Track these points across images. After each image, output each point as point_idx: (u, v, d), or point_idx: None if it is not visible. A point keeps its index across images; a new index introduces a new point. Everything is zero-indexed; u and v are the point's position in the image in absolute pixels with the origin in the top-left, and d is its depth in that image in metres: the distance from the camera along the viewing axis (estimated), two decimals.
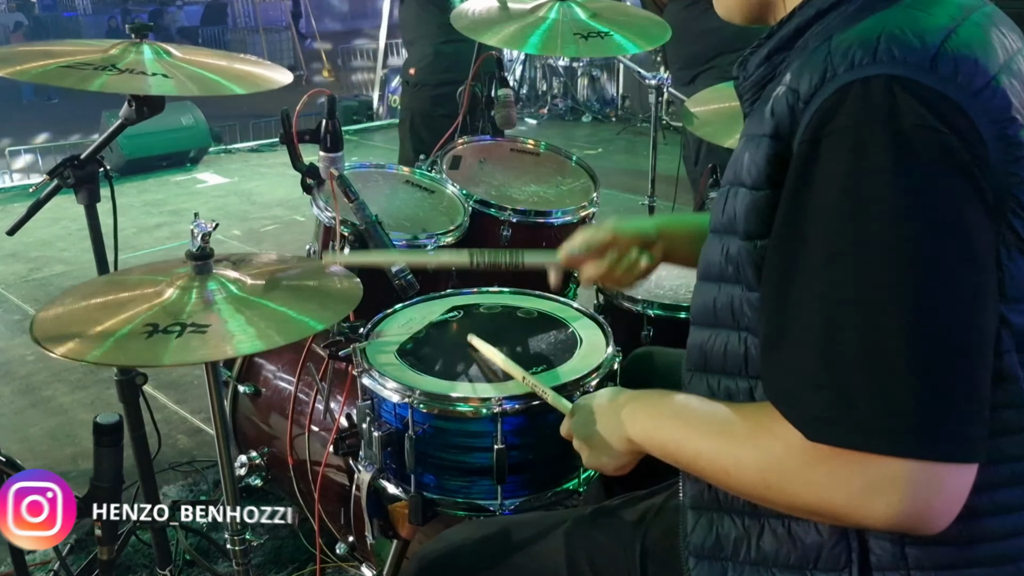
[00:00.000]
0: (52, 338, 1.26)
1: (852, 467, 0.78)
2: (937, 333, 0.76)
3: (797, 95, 0.83)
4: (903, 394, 0.75)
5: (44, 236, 5.12)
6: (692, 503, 1.03)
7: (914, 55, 0.78)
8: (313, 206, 2.03)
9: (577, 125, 8.51)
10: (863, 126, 0.77)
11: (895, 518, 0.77)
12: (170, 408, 3.10)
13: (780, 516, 0.94)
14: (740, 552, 0.97)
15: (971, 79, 0.78)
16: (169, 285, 1.40)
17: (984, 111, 0.78)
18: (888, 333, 0.76)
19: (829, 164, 0.79)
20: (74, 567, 2.01)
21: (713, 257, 0.98)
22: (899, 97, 0.76)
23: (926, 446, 0.75)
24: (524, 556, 1.20)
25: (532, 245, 2.27)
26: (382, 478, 1.56)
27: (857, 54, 0.80)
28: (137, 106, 1.63)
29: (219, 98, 1.70)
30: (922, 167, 0.76)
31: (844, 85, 0.79)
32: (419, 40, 3.80)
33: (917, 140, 0.76)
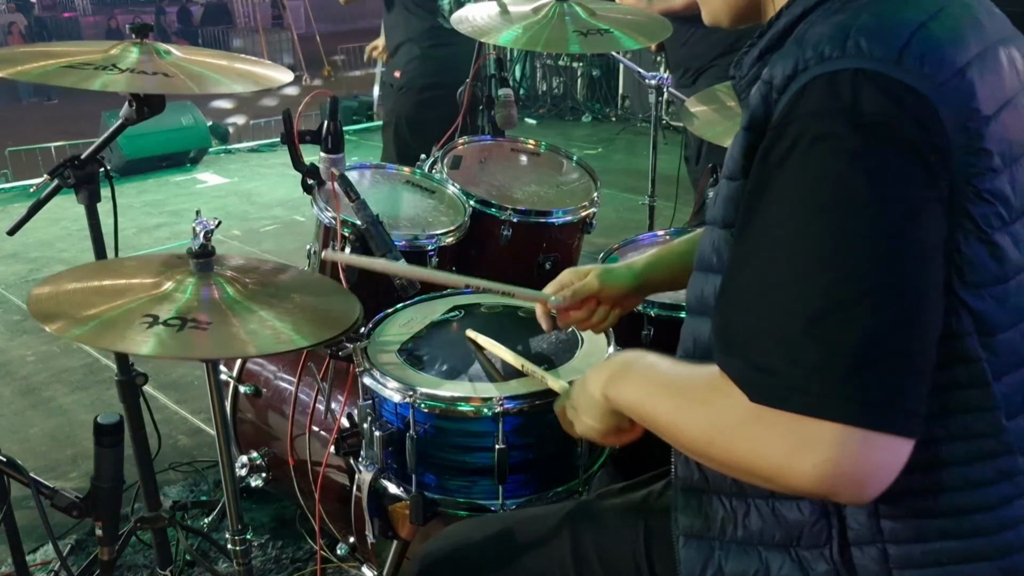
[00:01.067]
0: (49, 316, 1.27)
1: (786, 426, 0.80)
2: (879, 307, 0.78)
3: (771, 87, 0.86)
4: (839, 360, 0.78)
5: (44, 236, 5.11)
6: (682, 484, 1.06)
7: (881, 48, 0.80)
8: (313, 206, 2.03)
9: (577, 125, 8.51)
10: (826, 115, 0.80)
11: (821, 480, 0.79)
12: (170, 408, 3.09)
13: (765, 496, 0.97)
14: (727, 531, 1.00)
15: (936, 71, 0.80)
16: (168, 279, 1.41)
17: (948, 102, 0.80)
18: (830, 303, 0.78)
19: (790, 150, 0.82)
20: (75, 567, 2.02)
21: (705, 248, 1.01)
22: (863, 89, 0.79)
23: (856, 412, 0.77)
24: (529, 550, 1.20)
25: (532, 245, 2.27)
26: (383, 478, 1.56)
27: (827, 48, 0.82)
28: (137, 106, 1.63)
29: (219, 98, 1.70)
30: (879, 153, 0.78)
31: (814, 78, 0.82)
32: (406, 43, 3.81)
33: (876, 128, 0.78)
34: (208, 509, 2.38)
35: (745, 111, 0.90)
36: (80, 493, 1.68)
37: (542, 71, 9.08)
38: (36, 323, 1.30)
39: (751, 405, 0.82)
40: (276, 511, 2.42)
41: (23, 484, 1.63)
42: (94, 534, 1.76)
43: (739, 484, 0.99)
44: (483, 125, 2.77)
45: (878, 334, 0.78)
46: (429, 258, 2.01)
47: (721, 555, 1.01)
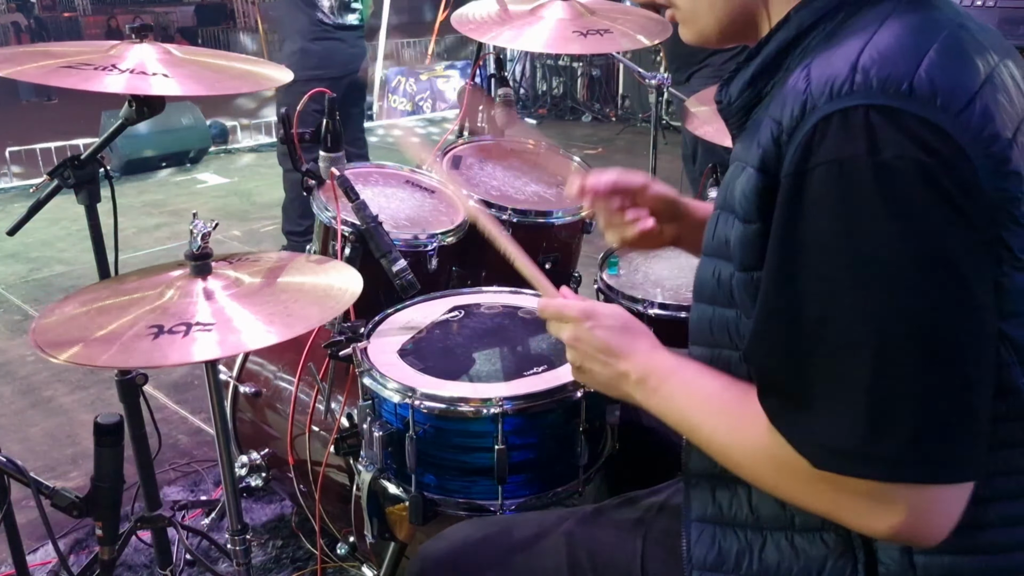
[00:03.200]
0: (55, 343, 1.26)
1: (855, 488, 0.81)
2: (933, 358, 0.77)
3: (780, 127, 0.83)
4: (900, 421, 0.77)
5: (44, 236, 5.11)
6: (696, 516, 1.04)
7: (891, 82, 0.77)
8: (313, 206, 2.03)
9: (577, 125, 8.51)
10: (845, 160, 0.77)
11: (897, 533, 0.81)
12: (170, 408, 3.09)
13: (783, 529, 0.96)
14: (742, 565, 0.98)
15: (950, 100, 0.77)
16: (169, 287, 1.41)
17: (967, 130, 0.77)
18: (884, 362, 0.77)
19: (815, 198, 0.79)
20: (75, 567, 2.02)
21: (705, 278, 0.98)
22: (878, 127, 0.76)
23: (926, 473, 0.78)
24: (526, 554, 1.20)
25: (532, 245, 2.26)
26: (383, 478, 1.56)
27: (835, 84, 0.79)
28: (137, 106, 1.63)
29: (219, 97, 1.70)
30: (905, 197, 0.76)
31: (824, 117, 0.79)
32: (290, 36, 3.96)
33: (899, 171, 0.76)
34: (208, 509, 2.38)
35: (755, 149, 0.86)
36: (80, 493, 1.68)
37: (542, 71, 9.07)
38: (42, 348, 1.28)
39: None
40: (276, 511, 2.42)
41: (23, 484, 1.63)
42: (94, 534, 1.76)
43: (756, 516, 0.98)
44: (483, 125, 2.77)
45: (941, 391, 0.77)
46: (429, 258, 2.01)
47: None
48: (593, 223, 2.34)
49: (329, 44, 3.86)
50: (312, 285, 1.48)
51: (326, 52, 3.82)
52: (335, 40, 3.91)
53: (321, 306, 1.40)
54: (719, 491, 1.02)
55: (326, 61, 3.83)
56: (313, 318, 1.37)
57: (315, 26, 3.85)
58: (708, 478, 1.03)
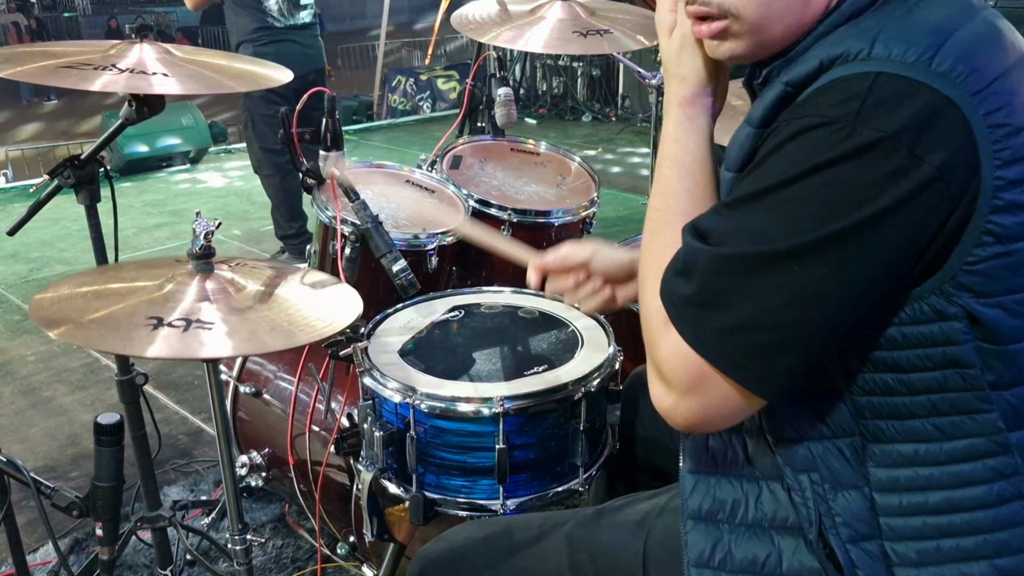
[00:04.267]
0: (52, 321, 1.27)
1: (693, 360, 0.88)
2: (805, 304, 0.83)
3: (788, 85, 0.87)
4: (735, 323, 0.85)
5: (44, 236, 5.11)
6: (690, 468, 1.05)
7: (911, 52, 0.79)
8: (313, 206, 2.03)
9: (577, 125, 8.51)
10: (831, 113, 0.80)
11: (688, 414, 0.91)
12: (170, 408, 3.09)
13: (779, 478, 0.97)
14: (737, 514, 1.00)
15: (969, 79, 0.79)
16: (170, 281, 1.41)
17: (977, 111, 0.78)
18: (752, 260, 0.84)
19: (789, 140, 0.83)
20: (75, 567, 2.02)
21: None
22: (876, 93, 0.78)
23: (752, 378, 0.86)
24: (527, 556, 1.20)
25: (532, 245, 2.24)
26: (383, 478, 1.56)
27: (853, 50, 0.82)
28: (137, 106, 1.63)
29: (219, 97, 1.70)
30: (875, 159, 0.78)
31: (834, 79, 0.82)
32: (243, 43, 3.96)
33: (871, 138, 0.78)
34: (208, 509, 2.38)
35: (759, 107, 0.91)
36: (80, 493, 1.68)
37: (542, 71, 9.08)
38: (36, 323, 1.30)
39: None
40: (276, 511, 2.42)
41: (23, 484, 1.63)
42: (94, 534, 1.76)
43: (753, 466, 0.99)
44: (483, 125, 2.77)
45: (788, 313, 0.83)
46: (429, 258, 2.01)
47: (731, 539, 1.00)
48: (593, 223, 2.34)
49: (281, 46, 3.84)
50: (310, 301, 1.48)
51: (278, 54, 3.77)
52: (287, 41, 3.90)
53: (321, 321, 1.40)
54: (712, 440, 1.04)
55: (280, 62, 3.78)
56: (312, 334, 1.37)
57: (265, 30, 3.85)
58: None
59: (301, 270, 1.64)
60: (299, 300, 1.46)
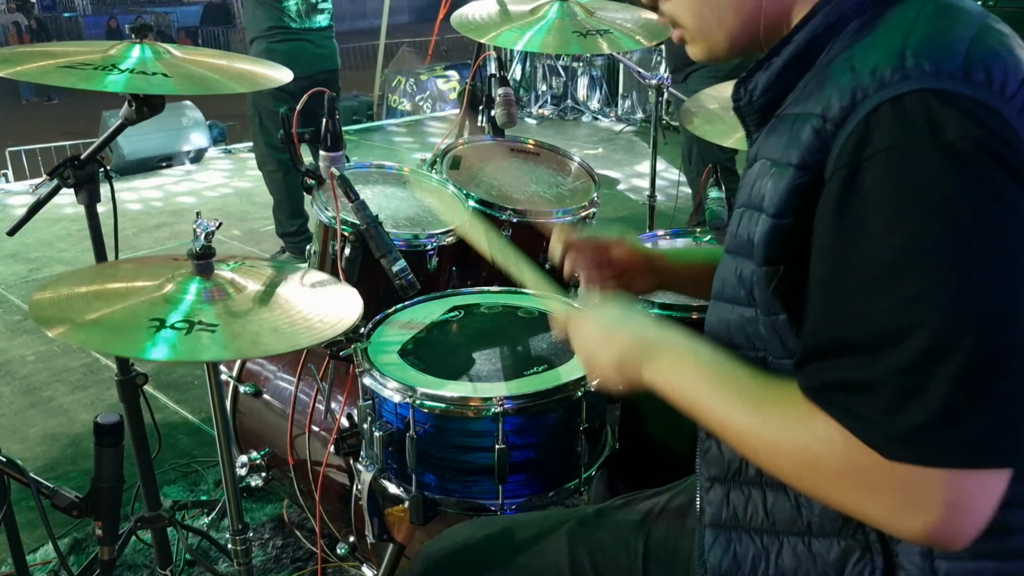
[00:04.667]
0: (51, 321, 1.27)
1: (893, 479, 0.76)
2: (1002, 345, 0.74)
3: (824, 120, 0.81)
4: (952, 405, 0.74)
5: (44, 236, 5.11)
6: (711, 521, 1.02)
7: (945, 66, 0.77)
8: (313, 206, 2.03)
9: (577, 125, 8.51)
10: (907, 144, 0.75)
11: (929, 531, 0.76)
12: (170, 408, 3.09)
13: (799, 534, 0.94)
14: (758, 570, 0.97)
15: (1004, 84, 0.77)
16: (169, 281, 1.41)
17: (1018, 115, 0.77)
18: (955, 344, 0.73)
19: (875, 186, 0.76)
20: (75, 567, 2.02)
21: (728, 277, 0.96)
22: (936, 111, 0.75)
23: (972, 455, 0.74)
24: (527, 555, 1.20)
25: (532, 245, 2.26)
26: (383, 478, 1.56)
27: (886, 72, 0.78)
28: (137, 106, 1.63)
29: (219, 97, 1.70)
30: (979, 174, 0.74)
31: (877, 106, 0.77)
32: (256, 39, 4.02)
33: (966, 150, 0.74)
34: (208, 509, 2.38)
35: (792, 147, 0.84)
36: (80, 493, 1.68)
37: (542, 71, 9.07)
38: (36, 323, 1.30)
39: (848, 451, 0.78)
40: (276, 511, 2.42)
41: (23, 484, 1.63)
42: (94, 534, 1.76)
43: (771, 521, 0.96)
44: (483, 125, 2.77)
45: (990, 374, 0.74)
46: (429, 258, 2.01)
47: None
48: (594, 223, 2.34)
49: (294, 45, 3.90)
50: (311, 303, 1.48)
51: (291, 52, 3.84)
52: (301, 41, 3.95)
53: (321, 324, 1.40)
54: (733, 494, 1.00)
55: (290, 61, 3.82)
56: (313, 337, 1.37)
57: (280, 29, 3.90)
58: (722, 482, 1.02)
59: (301, 270, 1.64)
60: (300, 301, 1.46)
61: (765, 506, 0.97)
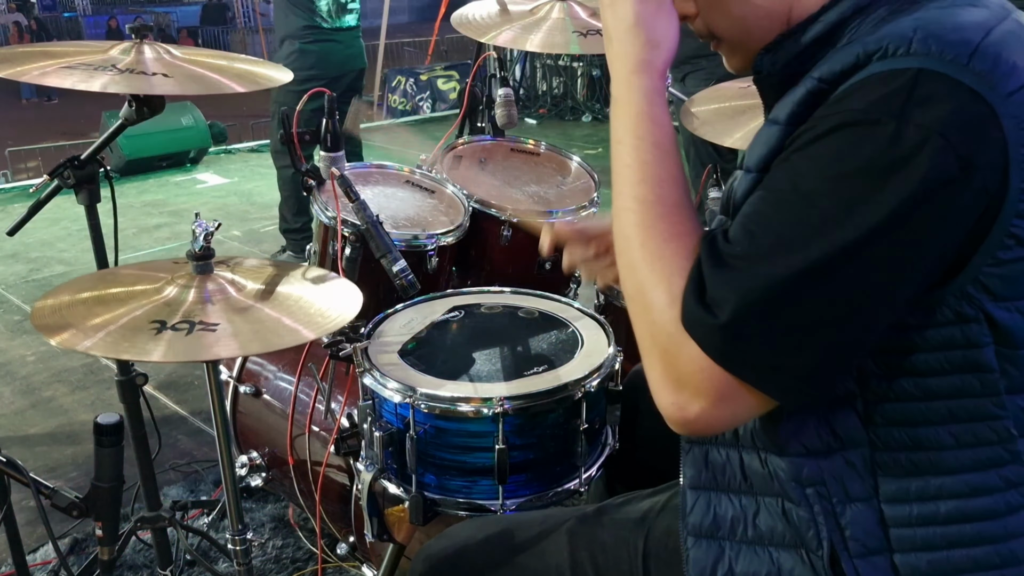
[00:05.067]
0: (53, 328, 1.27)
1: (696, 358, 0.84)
2: (831, 301, 0.79)
3: (820, 80, 0.84)
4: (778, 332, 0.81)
5: (44, 237, 5.12)
6: (690, 483, 1.05)
7: (952, 49, 0.77)
8: (313, 206, 2.03)
9: (577, 125, 8.51)
10: (873, 110, 0.78)
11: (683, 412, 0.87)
12: (170, 408, 3.09)
13: (775, 494, 0.96)
14: (737, 531, 0.99)
15: (1006, 79, 0.78)
16: (170, 284, 1.41)
17: (1013, 114, 0.77)
18: (790, 279, 0.79)
19: (829, 135, 0.80)
20: (75, 567, 2.02)
21: None
22: (920, 89, 0.76)
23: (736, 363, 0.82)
24: (527, 554, 1.20)
25: (532, 245, 2.25)
26: (383, 478, 1.56)
27: (891, 46, 0.80)
28: (137, 106, 1.63)
29: (219, 97, 1.71)
30: (920, 159, 0.76)
31: (872, 74, 0.79)
32: (287, 39, 4.03)
33: (925, 132, 0.76)
34: (208, 509, 2.38)
35: (785, 104, 0.87)
36: (80, 493, 1.68)
37: (542, 71, 9.08)
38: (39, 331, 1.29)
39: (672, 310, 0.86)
40: (276, 511, 2.42)
41: (23, 484, 1.63)
42: (94, 534, 1.76)
43: (749, 482, 0.98)
44: (483, 125, 2.77)
45: (825, 325, 0.80)
46: (429, 258, 2.01)
47: (732, 555, 1.00)
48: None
49: (326, 45, 3.92)
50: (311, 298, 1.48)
51: (323, 53, 3.88)
52: (332, 42, 3.96)
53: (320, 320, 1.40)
54: (712, 455, 1.02)
55: (323, 62, 3.89)
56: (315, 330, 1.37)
57: (312, 29, 3.91)
58: (700, 444, 1.04)
59: (302, 265, 1.64)
60: (300, 297, 1.46)
61: (743, 468, 1.00)
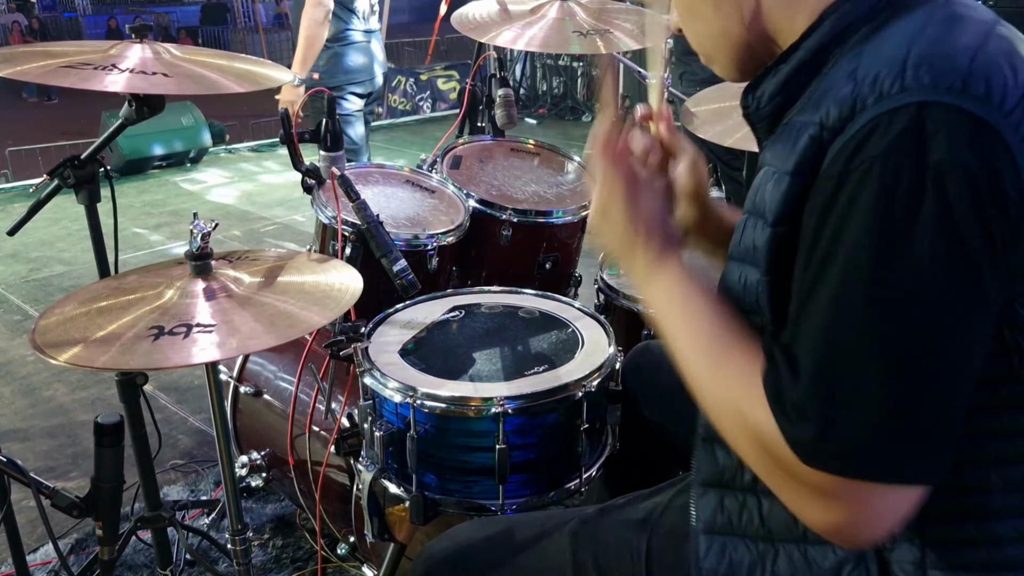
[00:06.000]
0: (55, 344, 1.26)
1: (806, 474, 0.81)
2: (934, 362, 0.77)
3: (822, 128, 0.82)
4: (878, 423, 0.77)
5: (44, 236, 5.12)
6: (705, 528, 1.02)
7: (945, 78, 0.76)
8: (313, 206, 2.03)
9: (577, 125, 8.51)
10: (891, 157, 0.76)
11: (829, 527, 0.82)
12: (170, 408, 3.09)
13: (795, 541, 0.94)
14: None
15: (1004, 98, 0.76)
16: (168, 287, 1.40)
17: (1016, 130, 0.76)
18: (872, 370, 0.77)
19: (855, 195, 0.78)
20: (75, 567, 2.02)
21: (731, 283, 0.96)
22: (928, 126, 0.75)
23: (891, 472, 0.78)
24: (529, 555, 1.20)
25: (532, 245, 2.27)
26: (383, 478, 1.56)
27: (886, 83, 0.78)
28: (137, 106, 1.63)
29: (219, 97, 1.70)
30: (946, 201, 0.75)
31: (875, 117, 0.77)
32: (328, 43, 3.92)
33: (944, 174, 0.74)
34: (208, 509, 2.38)
35: (790, 154, 0.85)
36: (80, 493, 1.68)
37: (542, 71, 9.08)
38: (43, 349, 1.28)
39: (775, 438, 0.82)
40: (276, 511, 2.42)
41: (23, 484, 1.63)
42: (94, 534, 1.76)
43: (767, 528, 0.97)
44: (483, 125, 2.78)
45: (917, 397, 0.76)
46: (429, 258, 2.01)
47: None
48: None
49: (363, 47, 3.86)
50: (313, 285, 1.48)
51: (360, 56, 3.81)
52: (366, 43, 3.91)
53: (322, 306, 1.39)
54: (728, 500, 1.00)
55: (360, 64, 3.82)
56: (314, 320, 1.36)
57: (350, 32, 3.84)
58: (716, 488, 1.02)
59: (300, 254, 1.63)
60: (302, 286, 1.46)
61: (760, 513, 0.98)
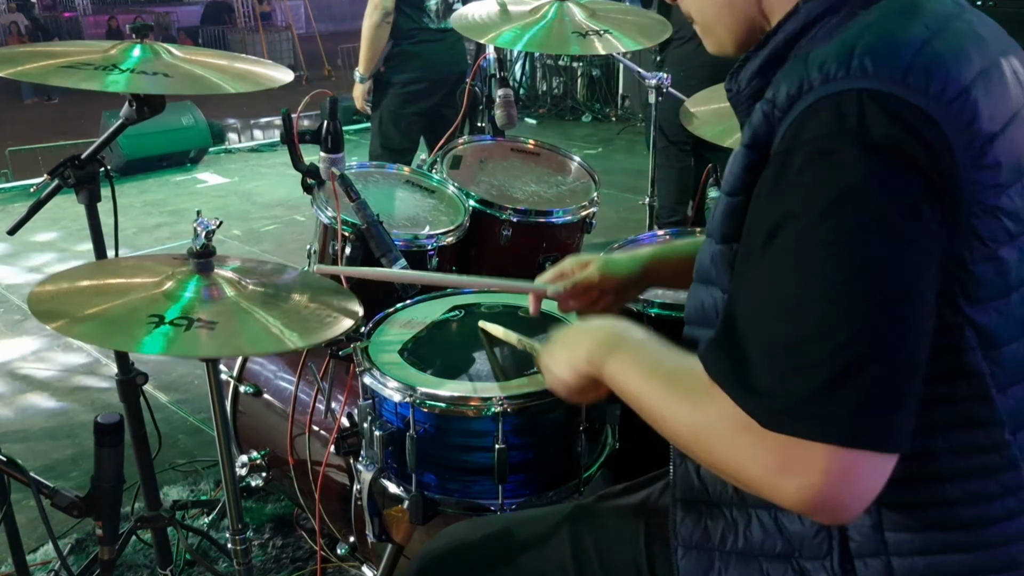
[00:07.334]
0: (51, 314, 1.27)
1: (774, 444, 0.80)
2: (872, 330, 0.78)
3: (773, 105, 0.86)
4: (832, 384, 0.78)
5: (44, 236, 5.12)
6: (681, 495, 1.06)
7: (886, 68, 0.80)
8: (314, 206, 2.03)
9: (577, 125, 8.51)
10: (832, 138, 0.80)
11: (802, 501, 0.80)
12: (170, 408, 3.09)
13: (767, 507, 0.97)
14: (727, 542, 1.00)
15: (943, 90, 0.80)
16: (169, 279, 1.41)
17: (954, 121, 0.80)
18: (826, 328, 0.78)
19: (799, 174, 0.81)
20: (75, 567, 2.02)
21: (703, 260, 1.00)
22: (868, 110, 0.79)
23: (845, 434, 0.77)
24: (528, 551, 1.20)
25: (532, 245, 2.27)
26: (383, 478, 1.56)
27: (832, 68, 0.82)
28: (137, 106, 1.63)
29: (219, 97, 1.71)
30: (885, 176, 0.78)
31: (819, 99, 0.81)
32: (397, 41, 3.87)
33: (884, 150, 0.78)
34: (208, 509, 2.38)
35: (747, 128, 0.90)
36: (80, 493, 1.68)
37: (542, 71, 9.07)
38: (36, 323, 1.30)
39: (740, 416, 0.82)
40: (276, 511, 2.42)
41: (23, 484, 1.63)
42: (94, 534, 1.76)
43: (740, 495, 0.99)
44: (483, 125, 2.78)
45: (870, 357, 0.78)
46: (429, 258, 2.01)
47: (721, 565, 1.01)
48: (594, 223, 2.34)
49: (432, 47, 3.76)
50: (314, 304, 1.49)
51: (429, 53, 3.73)
52: (437, 43, 3.83)
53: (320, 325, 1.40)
54: (704, 470, 1.03)
55: (428, 63, 3.74)
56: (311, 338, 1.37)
57: (421, 30, 3.77)
58: (692, 460, 1.04)
59: (302, 271, 1.64)
60: (300, 303, 1.46)
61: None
